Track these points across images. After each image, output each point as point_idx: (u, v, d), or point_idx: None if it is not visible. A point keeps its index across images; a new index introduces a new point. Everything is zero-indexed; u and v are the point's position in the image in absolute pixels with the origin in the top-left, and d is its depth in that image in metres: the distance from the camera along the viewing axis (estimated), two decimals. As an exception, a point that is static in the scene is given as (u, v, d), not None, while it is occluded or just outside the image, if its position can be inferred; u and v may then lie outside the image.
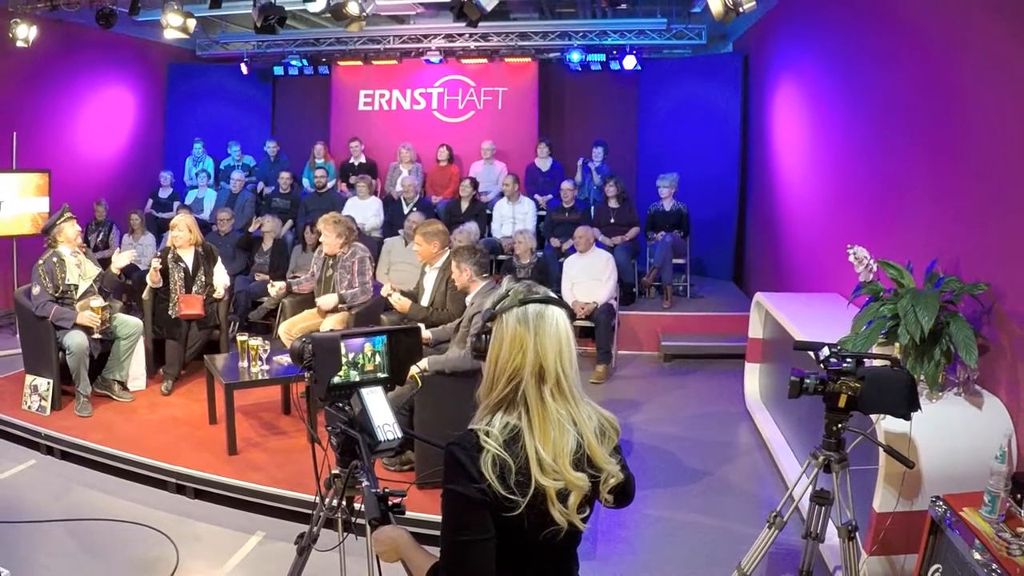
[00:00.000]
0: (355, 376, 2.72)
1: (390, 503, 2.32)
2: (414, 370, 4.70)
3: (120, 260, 6.67)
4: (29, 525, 4.75)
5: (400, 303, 6.19)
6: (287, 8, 8.19)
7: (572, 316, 2.07)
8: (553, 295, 2.04)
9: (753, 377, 6.94)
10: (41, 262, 6.31)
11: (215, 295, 7.01)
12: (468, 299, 5.49)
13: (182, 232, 6.87)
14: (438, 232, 6.36)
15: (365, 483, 2.40)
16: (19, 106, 9.73)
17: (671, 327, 8.84)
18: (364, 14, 7.92)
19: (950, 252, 4.46)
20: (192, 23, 8.48)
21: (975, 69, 4.42)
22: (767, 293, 6.60)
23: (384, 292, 6.31)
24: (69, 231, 6.44)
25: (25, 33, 8.91)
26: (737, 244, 10.76)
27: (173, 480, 5.24)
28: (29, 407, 6.22)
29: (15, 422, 6.04)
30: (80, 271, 6.43)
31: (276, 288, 6.79)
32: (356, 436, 2.56)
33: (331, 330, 5.97)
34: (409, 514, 4.30)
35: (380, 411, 2.60)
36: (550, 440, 1.91)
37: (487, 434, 1.89)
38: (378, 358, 2.75)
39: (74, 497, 5.20)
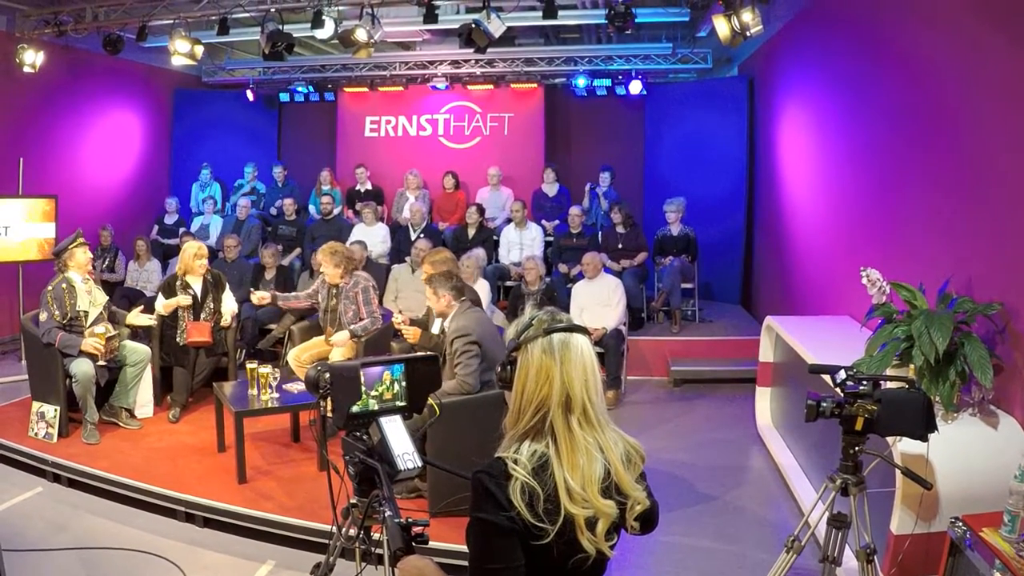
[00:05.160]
0: (374, 405, 2.70)
1: (413, 533, 2.29)
2: (431, 399, 4.67)
3: (138, 319, 6.70)
4: (36, 554, 4.71)
5: (412, 332, 6.15)
6: (294, 35, 8.23)
7: None
8: (577, 323, 2.03)
9: (764, 401, 6.90)
10: (50, 288, 6.29)
11: (222, 322, 7.00)
12: (445, 323, 5.49)
13: (203, 260, 6.93)
14: (446, 260, 6.33)
15: (388, 513, 2.37)
16: (26, 131, 9.77)
17: (680, 352, 8.81)
18: (372, 41, 7.96)
19: (962, 272, 4.45)
20: (200, 50, 8.53)
21: (982, 87, 4.44)
22: (778, 316, 6.58)
23: (395, 322, 6.28)
24: (80, 257, 6.43)
25: (32, 59, 8.97)
26: (745, 268, 10.74)
27: (182, 508, 5.21)
28: (36, 434, 6.19)
29: (22, 449, 6.02)
30: (91, 298, 6.42)
31: (257, 296, 6.77)
32: (375, 465, 2.54)
33: (348, 359, 5.98)
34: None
35: (399, 440, 2.58)
36: (578, 468, 1.90)
37: (515, 462, 1.88)
38: (396, 386, 2.73)
39: (81, 525, 5.16)
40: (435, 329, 6.27)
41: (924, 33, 5.21)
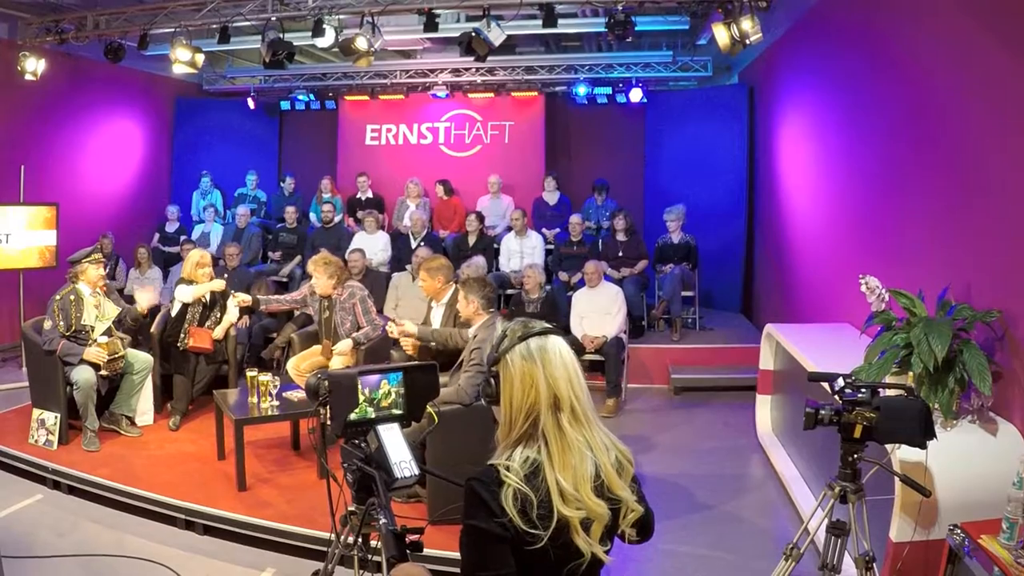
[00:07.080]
0: (371, 413, 2.70)
1: (408, 540, 2.30)
2: (430, 407, 4.65)
3: (143, 299, 6.72)
4: (36, 560, 4.71)
5: (410, 344, 6.10)
6: (295, 43, 8.24)
7: (580, 350, 2.09)
8: (549, 325, 2.06)
9: (764, 409, 6.90)
10: (58, 297, 6.29)
11: (215, 334, 6.97)
12: (471, 331, 5.46)
13: (205, 269, 7.01)
14: (442, 267, 6.29)
15: (383, 521, 2.38)
16: (27, 139, 9.79)
17: (681, 360, 8.81)
18: (372, 49, 7.98)
19: (961, 279, 4.45)
20: (201, 58, 8.55)
21: (981, 96, 4.44)
22: (778, 324, 6.58)
23: (390, 331, 6.21)
24: (92, 273, 6.42)
25: (34, 66, 9.00)
26: (745, 276, 10.74)
27: (182, 516, 5.21)
28: (36, 441, 6.19)
29: (22, 456, 6.02)
30: (99, 312, 6.41)
31: (239, 299, 6.76)
32: (373, 473, 2.54)
33: (346, 367, 5.96)
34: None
35: (397, 448, 2.59)
36: (570, 468, 1.91)
37: (507, 469, 1.90)
38: (394, 394, 2.73)
39: (82, 532, 5.16)
40: (436, 323, 6.24)
41: (923, 41, 5.23)
